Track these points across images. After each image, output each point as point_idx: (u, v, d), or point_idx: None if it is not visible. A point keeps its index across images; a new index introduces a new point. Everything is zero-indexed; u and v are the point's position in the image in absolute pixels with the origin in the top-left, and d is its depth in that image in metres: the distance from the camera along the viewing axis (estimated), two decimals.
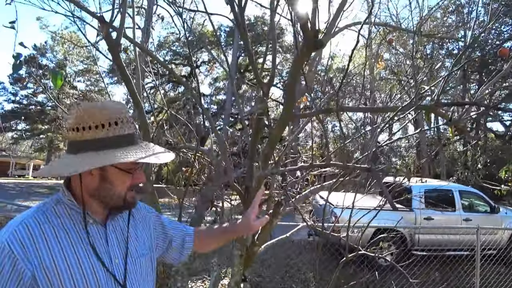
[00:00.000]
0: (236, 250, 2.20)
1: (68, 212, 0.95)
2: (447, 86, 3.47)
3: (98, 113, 0.94)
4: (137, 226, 1.12)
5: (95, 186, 0.96)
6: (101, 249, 0.96)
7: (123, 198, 0.98)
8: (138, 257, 1.05)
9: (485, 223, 5.99)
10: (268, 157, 1.84)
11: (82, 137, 0.93)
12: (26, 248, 0.86)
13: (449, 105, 1.60)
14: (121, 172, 0.96)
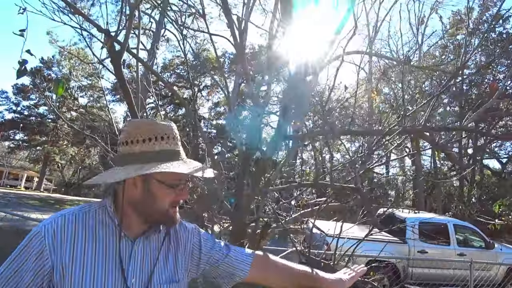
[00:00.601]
0: None
1: (106, 220, 0.97)
2: (435, 113, 3.52)
3: (146, 127, 0.98)
4: (171, 250, 1.08)
5: (138, 199, 0.97)
6: None
7: (165, 213, 0.98)
8: (163, 283, 1.01)
9: (479, 258, 5.93)
10: (259, 178, 1.85)
11: (130, 150, 0.97)
12: (56, 239, 0.89)
13: (434, 129, 1.63)
14: (164, 186, 0.97)
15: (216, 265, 1.12)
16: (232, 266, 1.12)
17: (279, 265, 1.18)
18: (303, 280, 1.15)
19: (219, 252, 1.13)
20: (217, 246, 1.15)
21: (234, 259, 1.12)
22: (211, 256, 1.11)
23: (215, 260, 1.12)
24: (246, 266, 1.12)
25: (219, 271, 1.12)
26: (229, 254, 1.13)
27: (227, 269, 1.12)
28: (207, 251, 1.12)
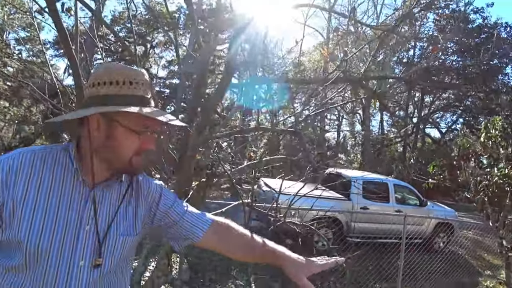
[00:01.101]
0: None
1: (66, 162, 0.94)
2: (374, 64, 3.69)
3: (115, 70, 0.94)
4: (131, 203, 1.05)
5: (101, 144, 0.93)
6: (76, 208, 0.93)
7: (129, 161, 0.94)
8: (120, 235, 0.99)
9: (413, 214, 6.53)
10: (203, 126, 1.83)
11: (96, 92, 0.92)
12: (10, 175, 0.87)
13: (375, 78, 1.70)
14: (128, 131, 0.92)
15: (170, 224, 1.10)
16: (186, 229, 1.10)
17: (238, 236, 1.14)
18: (264, 255, 1.13)
19: (176, 212, 1.10)
20: (177, 206, 1.12)
21: (189, 222, 1.10)
22: (167, 215, 1.09)
23: (170, 220, 1.09)
24: (200, 232, 1.10)
25: (172, 231, 1.11)
26: (184, 217, 1.10)
27: (180, 231, 1.10)
28: (164, 208, 1.09)
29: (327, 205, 5.97)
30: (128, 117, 0.91)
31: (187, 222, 1.10)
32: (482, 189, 4.84)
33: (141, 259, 2.68)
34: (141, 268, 2.65)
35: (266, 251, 1.11)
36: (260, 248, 1.12)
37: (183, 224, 1.09)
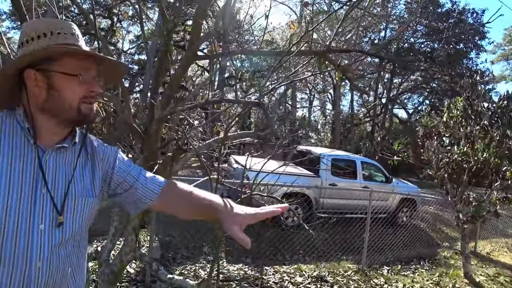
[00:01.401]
0: None
1: (14, 125, 0.90)
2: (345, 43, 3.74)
3: (40, 24, 0.91)
4: (88, 165, 1.02)
5: (44, 98, 0.89)
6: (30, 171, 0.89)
7: (76, 109, 0.91)
8: (80, 196, 0.96)
9: (379, 190, 6.81)
10: (169, 98, 1.79)
11: (26, 51, 0.89)
12: None
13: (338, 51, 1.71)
14: (67, 76, 0.89)
15: (126, 188, 1.08)
16: (141, 192, 1.08)
17: (185, 194, 1.11)
18: (204, 210, 1.07)
19: (131, 175, 1.08)
20: (132, 169, 1.10)
21: (144, 185, 1.08)
22: (123, 179, 1.07)
23: (126, 184, 1.08)
24: (153, 195, 1.08)
25: (128, 195, 1.09)
26: (139, 179, 1.09)
27: (135, 194, 1.08)
28: (120, 172, 1.07)
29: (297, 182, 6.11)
30: (62, 63, 0.88)
31: (142, 185, 1.08)
32: (442, 166, 5.09)
33: (109, 237, 2.65)
34: (109, 245, 2.62)
35: (205, 205, 1.05)
36: (201, 203, 1.07)
37: (138, 187, 1.08)
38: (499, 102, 4.99)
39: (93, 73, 0.95)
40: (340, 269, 4.86)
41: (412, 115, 28.16)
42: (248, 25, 1.84)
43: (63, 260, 0.93)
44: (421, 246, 6.60)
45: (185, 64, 1.68)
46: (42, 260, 0.87)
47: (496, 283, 5.05)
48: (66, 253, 0.94)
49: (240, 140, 2.87)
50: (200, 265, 4.46)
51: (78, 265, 1.01)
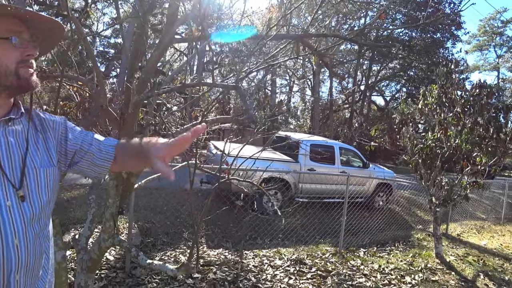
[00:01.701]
0: (111, 180, 2.12)
1: None
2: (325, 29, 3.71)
3: None
4: (40, 138, 0.99)
5: None
6: None
7: (15, 73, 0.88)
8: (40, 167, 0.93)
9: (356, 175, 6.97)
10: (145, 82, 1.75)
11: None
12: None
13: (315, 36, 1.72)
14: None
15: (82, 156, 1.06)
16: (97, 157, 1.07)
17: (128, 146, 1.10)
18: (136, 156, 1.05)
19: (86, 142, 1.07)
20: (85, 136, 1.08)
21: (99, 150, 1.08)
22: (79, 147, 1.06)
23: (82, 151, 1.06)
24: (110, 156, 1.08)
25: (85, 163, 1.07)
26: (93, 144, 1.07)
27: (93, 160, 1.07)
28: (74, 140, 1.05)
29: (276, 167, 6.18)
30: None
31: (98, 149, 1.08)
32: (417, 152, 5.25)
33: (86, 224, 2.61)
34: (87, 232, 2.58)
35: (138, 151, 1.02)
36: (137, 151, 1.03)
37: (95, 152, 1.07)
38: (471, 90, 5.16)
39: (26, 36, 0.91)
40: (318, 252, 4.99)
41: (389, 102, 28.75)
42: (227, 9, 1.82)
43: (39, 236, 0.91)
44: (396, 229, 6.85)
45: (162, 47, 1.64)
46: (19, 238, 0.84)
47: (465, 262, 5.32)
48: (40, 228, 0.92)
49: (220, 125, 2.86)
50: (180, 251, 4.47)
51: (47, 250, 0.99)
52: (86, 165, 1.08)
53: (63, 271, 2.22)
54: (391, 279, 4.29)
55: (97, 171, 1.10)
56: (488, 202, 10.34)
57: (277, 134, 7.04)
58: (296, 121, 24.62)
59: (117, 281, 3.38)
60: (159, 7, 8.35)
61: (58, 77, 2.83)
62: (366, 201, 7.68)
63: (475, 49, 38.69)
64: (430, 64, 22.02)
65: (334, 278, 4.08)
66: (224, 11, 3.87)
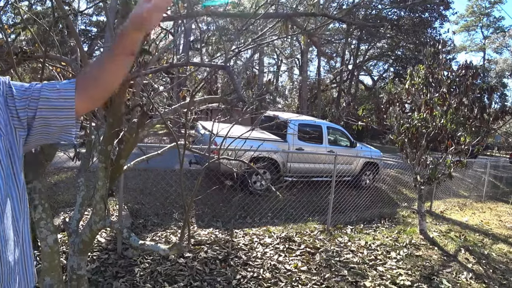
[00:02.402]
0: (100, 162, 2.10)
1: None
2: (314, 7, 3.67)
3: None
4: None
5: None
6: None
7: None
8: None
9: (343, 154, 7.07)
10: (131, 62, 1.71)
11: None
12: None
13: (303, 14, 1.70)
14: None
15: (33, 106, 0.89)
16: (53, 100, 0.90)
17: (94, 67, 0.99)
18: (114, 59, 0.95)
19: (34, 91, 0.90)
20: (31, 86, 0.92)
21: (51, 91, 0.91)
22: (29, 99, 0.89)
23: (33, 101, 0.89)
24: (71, 93, 0.92)
25: (42, 113, 0.90)
26: (42, 89, 0.91)
27: (49, 105, 0.90)
28: (20, 94, 0.89)
29: (264, 146, 6.20)
30: None
31: (49, 89, 0.92)
32: (403, 132, 5.34)
33: (77, 207, 2.60)
34: (77, 215, 2.57)
35: (109, 51, 0.95)
36: (112, 54, 0.95)
37: (48, 95, 0.91)
38: (457, 71, 5.22)
39: None
40: (306, 230, 5.11)
41: (377, 81, 28.90)
42: None
43: (7, 216, 0.83)
44: (382, 207, 7.04)
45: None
46: None
47: (447, 238, 5.53)
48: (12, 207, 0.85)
49: (207, 105, 2.84)
50: (171, 231, 4.52)
51: (22, 231, 0.90)
52: (46, 115, 0.90)
53: (56, 254, 2.23)
54: (377, 254, 4.44)
55: (62, 117, 0.92)
56: (470, 181, 10.67)
57: (266, 114, 7.04)
58: (284, 101, 24.58)
59: (110, 263, 3.41)
60: None
61: (40, 57, 2.74)
62: (353, 180, 7.83)
63: (463, 30, 38.89)
64: (418, 44, 22.07)
65: (323, 255, 4.19)
66: None
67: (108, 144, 2.05)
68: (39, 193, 2.22)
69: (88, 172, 2.71)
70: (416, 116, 5.23)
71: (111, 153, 2.07)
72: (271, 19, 1.84)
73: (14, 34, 14.62)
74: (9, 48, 2.11)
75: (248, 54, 18.71)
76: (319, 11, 11.83)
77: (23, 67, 7.98)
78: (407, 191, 8.81)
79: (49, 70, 3.00)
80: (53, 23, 2.38)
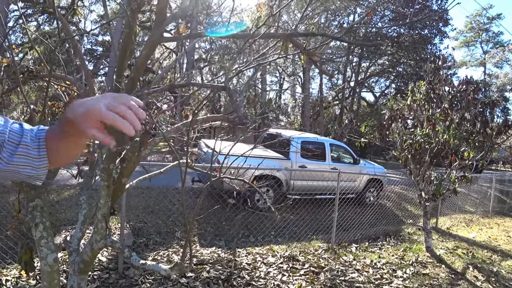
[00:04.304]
0: (102, 181, 2.10)
1: None
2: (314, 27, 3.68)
3: None
4: None
5: None
6: None
7: None
8: None
9: (347, 171, 7.03)
10: (134, 81, 1.74)
11: None
12: None
13: (303, 35, 1.73)
14: None
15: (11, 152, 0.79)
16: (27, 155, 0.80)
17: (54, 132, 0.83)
18: (66, 137, 0.79)
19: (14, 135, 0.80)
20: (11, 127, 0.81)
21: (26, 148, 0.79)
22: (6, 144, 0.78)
23: (11, 146, 0.78)
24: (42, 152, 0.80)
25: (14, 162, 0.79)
26: (24, 135, 0.80)
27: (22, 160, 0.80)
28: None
29: (267, 164, 6.18)
30: None
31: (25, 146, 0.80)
32: (406, 148, 5.32)
33: (78, 225, 2.58)
34: (79, 234, 2.55)
35: (64, 129, 0.80)
36: (62, 130, 0.81)
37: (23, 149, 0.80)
38: (458, 86, 5.25)
39: None
40: (311, 248, 5.03)
41: (379, 98, 29.01)
42: (216, 6, 1.80)
43: None
44: (387, 224, 6.93)
45: (151, 45, 1.63)
46: None
47: (454, 255, 5.42)
48: None
49: (210, 123, 2.86)
50: (173, 250, 4.46)
51: None
52: (14, 168, 0.81)
53: (55, 273, 2.20)
54: (383, 273, 4.35)
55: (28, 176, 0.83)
56: (476, 196, 10.54)
57: (268, 132, 7.06)
58: (287, 118, 24.69)
59: (110, 282, 3.36)
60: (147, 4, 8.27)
61: (45, 76, 2.79)
62: (357, 197, 7.76)
63: (462, 45, 39.32)
64: (418, 60, 22.28)
65: (327, 274, 4.11)
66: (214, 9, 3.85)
67: (110, 162, 2.05)
68: (41, 212, 2.21)
69: (90, 190, 2.70)
70: (419, 132, 5.22)
71: (113, 171, 2.07)
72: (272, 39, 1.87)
73: (21, 54, 14.91)
74: (15, 67, 2.15)
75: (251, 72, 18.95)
76: (319, 30, 12.03)
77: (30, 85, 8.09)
78: (412, 208, 8.70)
79: (54, 89, 3.05)
80: (59, 43, 2.43)
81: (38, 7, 15.38)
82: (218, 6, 1.80)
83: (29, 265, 2.45)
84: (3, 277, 3.30)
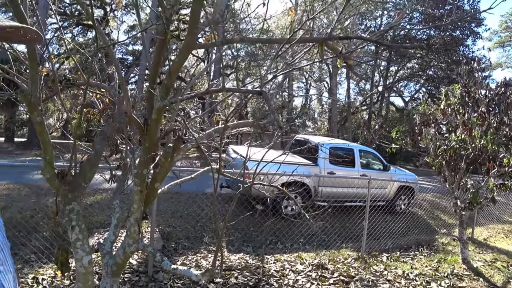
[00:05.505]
0: (135, 186, 2.14)
1: None
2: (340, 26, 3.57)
3: None
4: None
5: None
6: None
7: None
8: None
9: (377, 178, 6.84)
10: (168, 88, 1.77)
11: None
12: None
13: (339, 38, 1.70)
14: None
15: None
16: None
17: None
18: None
19: None
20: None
21: None
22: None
23: None
24: None
25: None
26: None
27: None
28: None
29: (296, 171, 6.11)
30: None
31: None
32: (440, 154, 5.11)
33: (111, 229, 2.65)
34: (112, 237, 2.62)
35: None
36: None
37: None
38: (496, 89, 5.00)
39: None
40: (340, 257, 4.91)
41: (408, 102, 28.20)
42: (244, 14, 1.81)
43: None
44: (419, 233, 6.67)
45: (185, 52, 1.66)
46: None
47: (493, 268, 5.12)
48: None
49: (238, 129, 2.87)
50: (201, 255, 4.49)
51: None
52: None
53: (90, 275, 2.26)
54: (416, 285, 4.17)
55: None
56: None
57: (296, 138, 7.00)
58: (314, 124, 24.48)
59: (140, 285, 3.42)
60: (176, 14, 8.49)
61: (82, 84, 2.90)
62: (388, 205, 7.52)
63: (497, 46, 37.55)
64: (450, 62, 21.49)
65: (357, 284, 3.99)
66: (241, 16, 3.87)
67: (143, 168, 2.09)
68: (77, 215, 2.28)
69: (122, 195, 2.77)
70: (454, 137, 5.01)
71: (146, 176, 2.11)
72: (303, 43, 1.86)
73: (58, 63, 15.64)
74: (54, 76, 2.24)
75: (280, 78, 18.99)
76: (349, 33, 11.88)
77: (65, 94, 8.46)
78: (446, 217, 8.33)
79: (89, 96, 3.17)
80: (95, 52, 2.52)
81: (73, 20, 16.13)
82: (246, 13, 1.81)
83: (65, 266, 2.52)
84: (39, 275, 3.44)
